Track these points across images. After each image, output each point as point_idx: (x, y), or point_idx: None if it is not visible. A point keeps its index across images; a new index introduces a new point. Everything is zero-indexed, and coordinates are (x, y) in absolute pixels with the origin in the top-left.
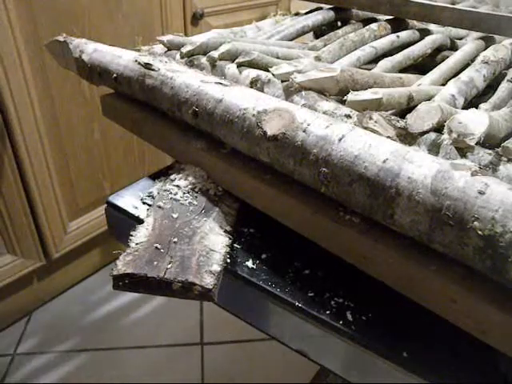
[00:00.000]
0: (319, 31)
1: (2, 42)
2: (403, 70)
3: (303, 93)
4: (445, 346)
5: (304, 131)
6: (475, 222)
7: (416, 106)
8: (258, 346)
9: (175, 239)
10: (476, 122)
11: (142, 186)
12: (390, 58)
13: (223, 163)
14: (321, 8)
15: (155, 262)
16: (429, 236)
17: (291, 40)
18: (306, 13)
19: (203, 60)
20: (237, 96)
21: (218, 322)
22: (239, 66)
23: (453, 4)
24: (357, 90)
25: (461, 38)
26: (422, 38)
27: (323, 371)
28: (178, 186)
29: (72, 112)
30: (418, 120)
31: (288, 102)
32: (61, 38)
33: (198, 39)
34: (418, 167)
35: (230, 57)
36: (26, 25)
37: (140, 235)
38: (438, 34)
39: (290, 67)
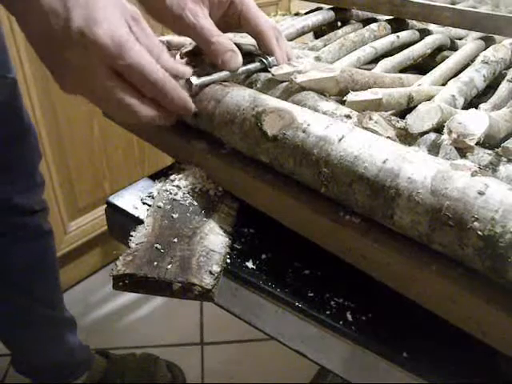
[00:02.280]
0: (319, 31)
1: None
2: (403, 70)
3: (303, 93)
4: (445, 346)
5: (304, 131)
6: (475, 223)
7: (416, 106)
8: (257, 346)
9: (175, 239)
10: (476, 122)
11: (142, 186)
12: (390, 58)
13: (223, 163)
14: (321, 8)
15: (155, 263)
16: (429, 236)
17: (291, 40)
18: (306, 13)
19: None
20: (237, 96)
21: (218, 322)
22: None
23: (453, 4)
24: (357, 90)
25: (461, 38)
26: (421, 38)
27: (323, 371)
28: (177, 186)
29: (72, 112)
30: (417, 120)
31: (288, 102)
32: None
33: None
34: (418, 167)
35: None
36: None
37: (140, 235)
38: (438, 33)
39: (289, 67)
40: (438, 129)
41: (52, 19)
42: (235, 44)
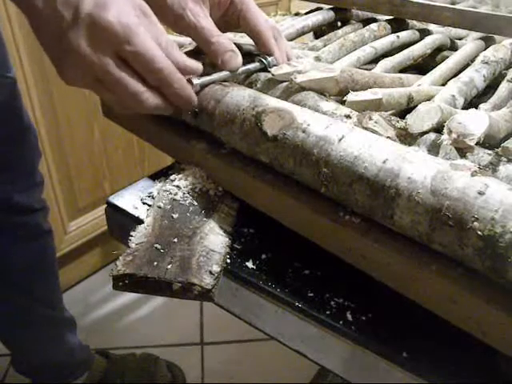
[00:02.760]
0: (319, 31)
1: None
2: (403, 70)
3: (303, 93)
4: (444, 346)
5: (304, 131)
6: (475, 223)
7: (416, 106)
8: (257, 346)
9: (175, 239)
10: (476, 122)
11: (142, 186)
12: (389, 58)
13: (223, 163)
14: (321, 8)
15: (155, 263)
16: (428, 236)
17: (291, 40)
18: (306, 13)
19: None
20: (237, 96)
21: (218, 322)
22: None
23: (453, 4)
24: (357, 91)
25: (461, 38)
26: (421, 38)
27: (323, 371)
28: (177, 186)
29: (72, 112)
30: (417, 120)
31: (288, 102)
32: None
33: None
34: (418, 167)
35: None
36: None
37: (140, 235)
38: (438, 33)
39: (289, 67)
40: (438, 129)
41: (63, 8)
42: (235, 44)
